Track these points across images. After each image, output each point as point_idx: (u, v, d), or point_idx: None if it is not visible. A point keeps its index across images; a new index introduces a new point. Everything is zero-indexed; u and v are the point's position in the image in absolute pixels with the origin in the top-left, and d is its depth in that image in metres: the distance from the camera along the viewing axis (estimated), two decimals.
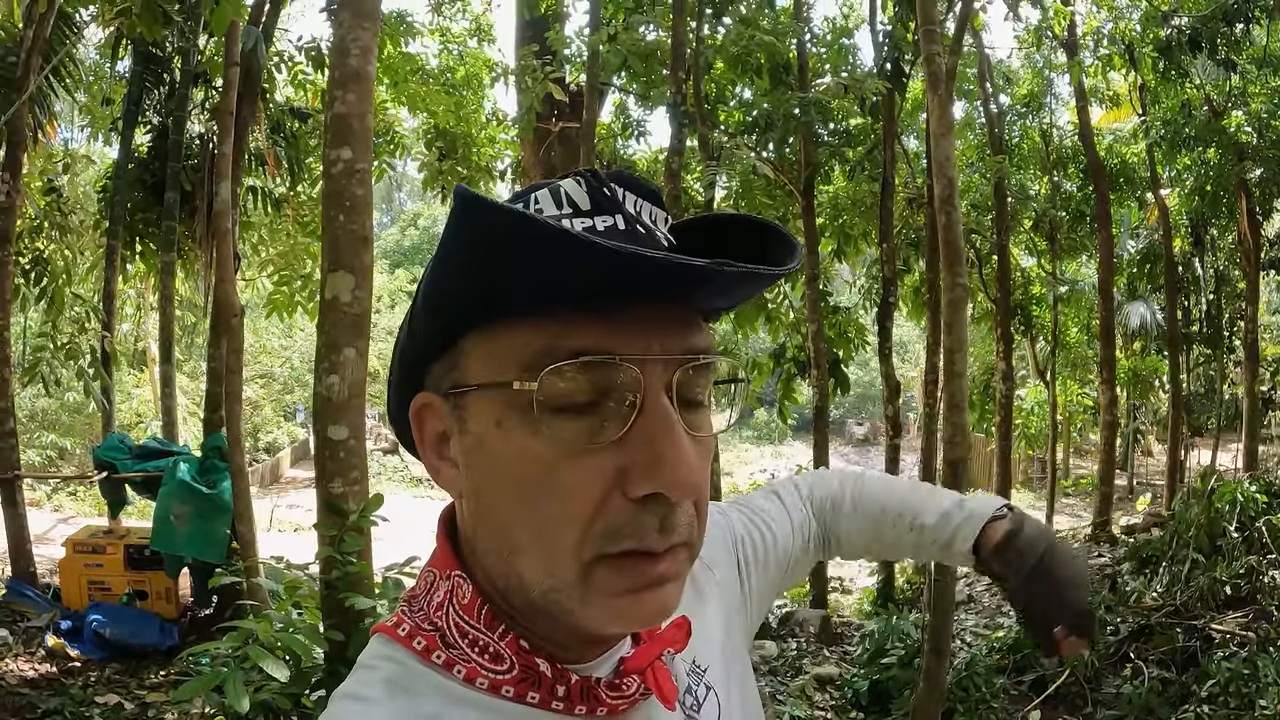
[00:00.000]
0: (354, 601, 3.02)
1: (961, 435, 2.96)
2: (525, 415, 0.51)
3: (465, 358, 0.54)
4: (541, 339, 0.50)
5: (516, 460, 0.51)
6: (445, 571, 0.58)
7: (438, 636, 0.56)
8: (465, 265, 0.50)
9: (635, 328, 0.51)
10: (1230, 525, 5.81)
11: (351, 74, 3.49)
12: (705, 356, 0.54)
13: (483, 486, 0.54)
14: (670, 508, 0.52)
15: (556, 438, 0.50)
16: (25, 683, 4.53)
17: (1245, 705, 4.24)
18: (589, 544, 0.51)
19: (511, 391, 0.51)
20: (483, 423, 0.53)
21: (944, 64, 3.23)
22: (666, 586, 0.53)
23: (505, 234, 0.47)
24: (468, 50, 9.70)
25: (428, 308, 0.55)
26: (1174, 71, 9.28)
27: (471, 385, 0.53)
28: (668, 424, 0.51)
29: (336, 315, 3.38)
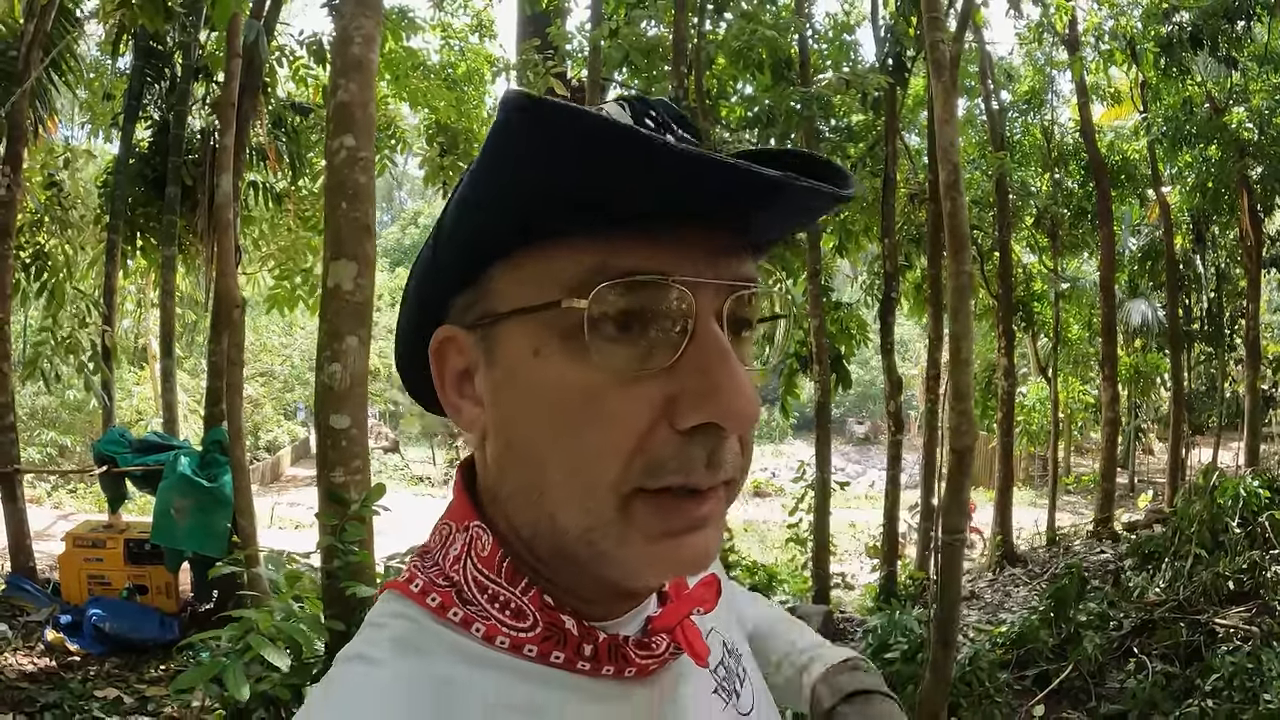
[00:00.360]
0: (355, 590, 3.01)
1: (968, 424, 2.95)
2: (567, 340, 0.47)
3: (495, 286, 0.51)
4: (592, 258, 0.46)
5: (555, 389, 0.48)
6: (462, 523, 0.54)
7: (454, 592, 0.52)
8: (508, 178, 0.46)
9: (686, 250, 0.48)
10: (1233, 521, 5.81)
11: (354, 62, 3.48)
12: (756, 285, 0.51)
13: (513, 421, 0.50)
14: (719, 441, 0.48)
15: (603, 364, 0.46)
16: (24, 677, 4.52)
17: (1249, 699, 4.23)
18: (629, 476, 0.47)
19: (553, 314, 0.47)
20: (516, 352, 0.50)
21: (947, 51, 3.21)
22: (708, 529, 0.50)
23: (563, 133, 0.42)
24: (469, 45, 9.69)
25: (456, 233, 0.51)
26: (1175, 68, 9.27)
27: (505, 311, 0.50)
28: (722, 351, 0.47)
29: (339, 303, 3.37)
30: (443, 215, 0.53)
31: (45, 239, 6.98)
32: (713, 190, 0.45)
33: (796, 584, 8.78)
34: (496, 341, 0.51)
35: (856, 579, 10.45)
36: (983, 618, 7.22)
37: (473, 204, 0.49)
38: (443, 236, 0.53)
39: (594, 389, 0.47)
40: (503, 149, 0.45)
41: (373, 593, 3.06)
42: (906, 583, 8.65)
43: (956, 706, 4.76)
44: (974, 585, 8.91)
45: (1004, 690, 5.06)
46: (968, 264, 3.08)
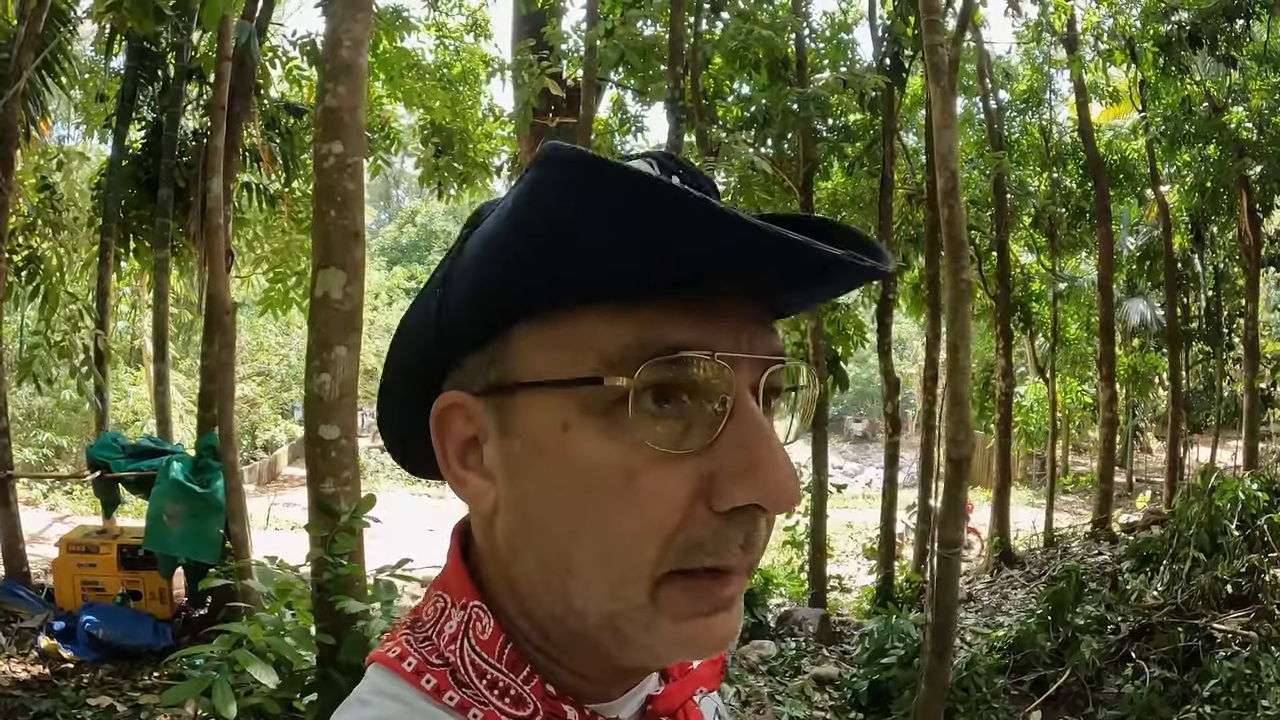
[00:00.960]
0: (345, 605, 2.98)
1: (965, 432, 2.92)
2: (602, 417, 0.45)
3: (515, 350, 0.47)
4: (627, 331, 0.44)
5: (589, 467, 0.45)
6: (460, 599, 0.52)
7: (449, 674, 0.49)
8: (547, 237, 0.43)
9: (723, 322, 0.46)
10: (1231, 523, 5.79)
11: (343, 66, 3.43)
12: (790, 360, 0.49)
13: (533, 498, 0.47)
14: (755, 522, 0.46)
15: (643, 442, 0.44)
16: (18, 684, 4.49)
17: (1247, 705, 4.22)
18: (665, 561, 0.45)
19: (590, 390, 0.44)
20: (542, 425, 0.46)
21: (946, 56, 3.17)
22: (733, 609, 0.48)
23: (625, 199, 0.40)
24: (464, 45, 9.64)
25: (483, 286, 0.47)
26: (1174, 67, 9.25)
27: (529, 381, 0.46)
28: (762, 429, 0.46)
29: (328, 312, 3.33)
30: (446, 273, 0.50)
31: (38, 242, 6.93)
32: (774, 265, 0.44)
33: (793, 587, 8.77)
34: (515, 412, 0.48)
35: (854, 580, 10.44)
36: (980, 621, 7.21)
37: (500, 257, 0.46)
38: (452, 295, 0.49)
39: (632, 468, 0.44)
40: (538, 207, 0.43)
41: (362, 607, 3.03)
42: (904, 585, 8.64)
43: (953, 712, 4.74)
44: (971, 587, 8.90)
45: (1001, 696, 5.05)
46: (965, 271, 3.05)
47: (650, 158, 0.48)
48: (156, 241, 6.76)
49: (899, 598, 8.14)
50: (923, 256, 9.41)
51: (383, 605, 3.18)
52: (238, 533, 4.86)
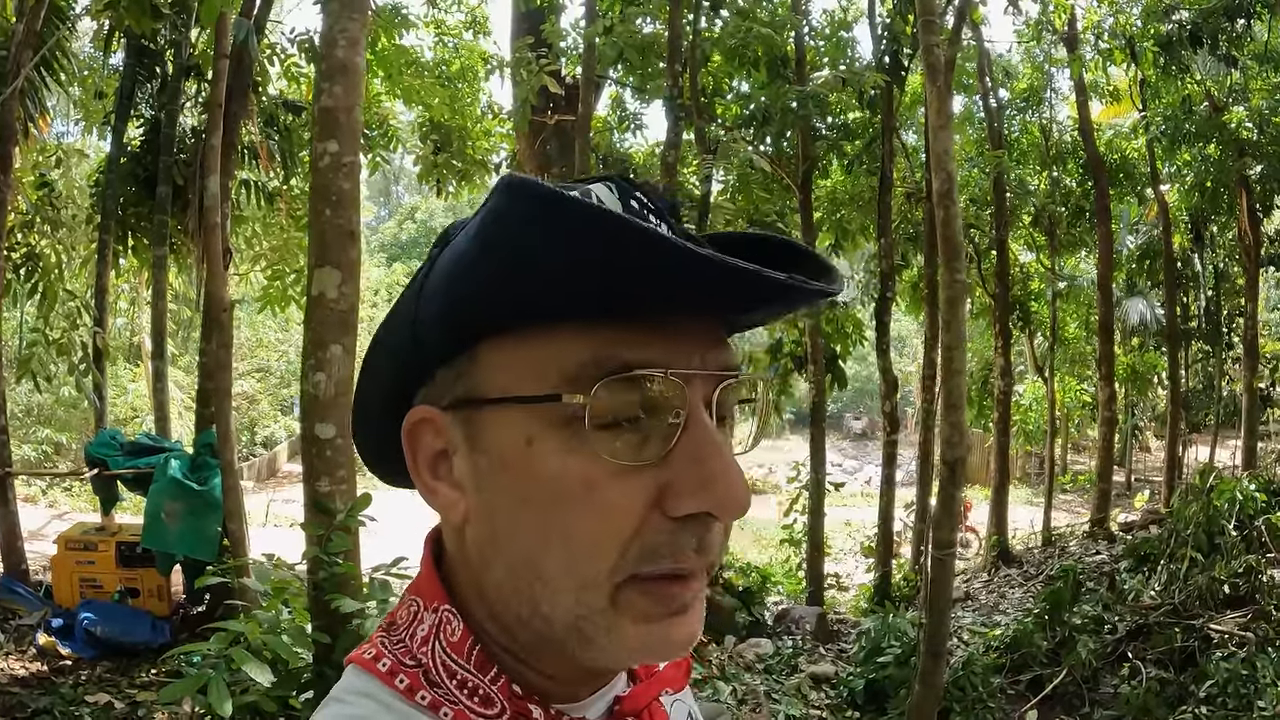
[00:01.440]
0: (340, 604, 2.98)
1: (960, 435, 2.92)
2: (563, 431, 0.47)
3: (482, 367, 0.50)
4: (589, 349, 0.47)
5: (552, 480, 0.47)
6: (431, 603, 0.54)
7: (421, 674, 0.52)
8: (519, 267, 0.46)
9: (679, 340, 0.48)
10: (1229, 524, 5.78)
11: (339, 66, 3.43)
12: (743, 374, 0.52)
13: (501, 509, 0.50)
14: (708, 527, 0.49)
15: (601, 455, 0.46)
16: (16, 681, 4.50)
17: (1244, 706, 4.22)
18: (623, 565, 0.47)
19: (550, 406, 0.47)
20: (507, 440, 0.49)
21: (943, 56, 3.17)
22: (693, 610, 0.50)
23: (582, 231, 0.43)
24: (463, 43, 9.63)
25: (451, 304, 0.49)
26: (1174, 66, 9.23)
27: (494, 398, 0.49)
28: (714, 442, 0.48)
29: (323, 312, 3.33)
30: (419, 290, 0.52)
31: (37, 239, 6.92)
32: (724, 291, 0.47)
33: (791, 585, 8.78)
34: (482, 427, 0.50)
35: (851, 579, 10.45)
36: (977, 620, 7.21)
37: (468, 276, 0.48)
38: (423, 311, 0.51)
39: (592, 480, 0.47)
40: (489, 236, 0.46)
41: (357, 606, 3.03)
42: (901, 584, 8.65)
43: (949, 711, 4.74)
44: (969, 586, 8.90)
45: (997, 695, 5.06)
46: (961, 273, 3.04)
47: (610, 181, 0.51)
48: (155, 239, 6.76)
49: (896, 596, 8.15)
50: (921, 255, 9.40)
51: (379, 604, 3.18)
52: (235, 531, 4.86)
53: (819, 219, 9.51)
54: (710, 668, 5.66)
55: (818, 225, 9.31)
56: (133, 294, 11.47)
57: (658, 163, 8.08)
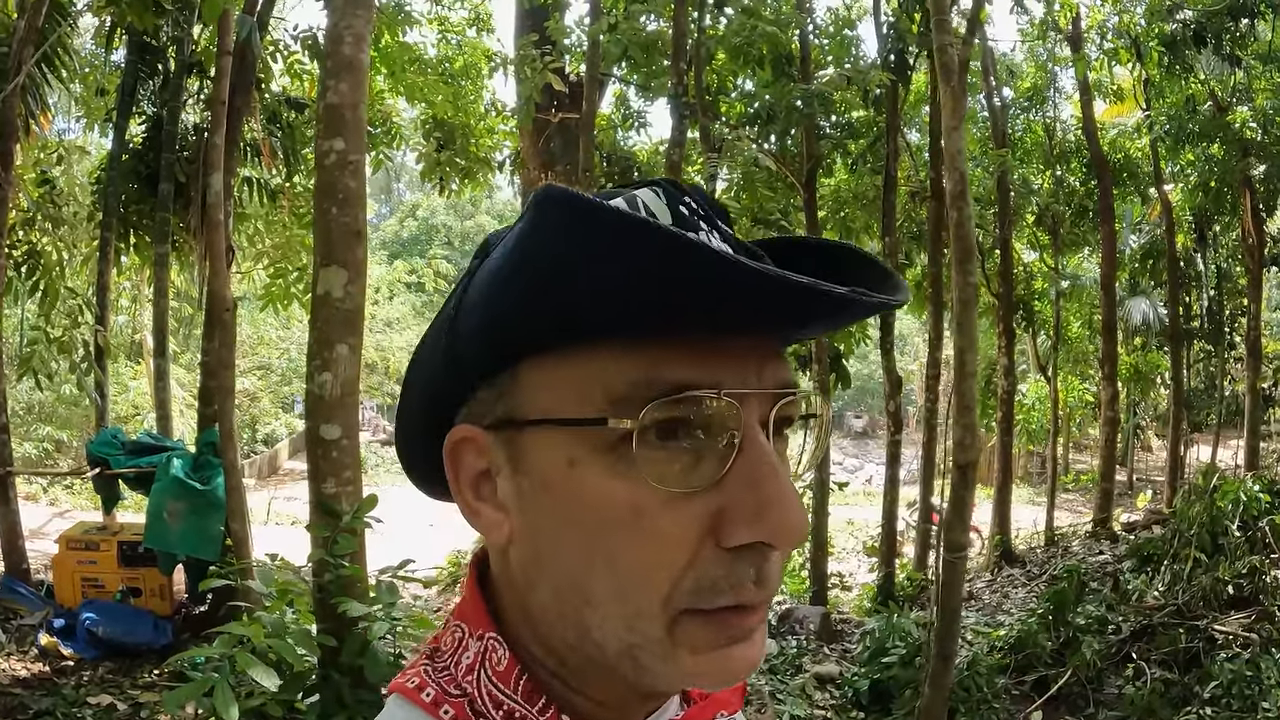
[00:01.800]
0: (347, 608, 2.96)
1: (972, 437, 2.90)
2: (608, 454, 0.45)
3: (523, 386, 0.48)
4: (633, 369, 0.44)
5: (597, 504, 0.45)
6: (477, 630, 0.52)
7: (466, 704, 0.50)
8: (564, 282, 0.43)
9: (732, 357, 0.46)
10: (1232, 524, 5.78)
11: (344, 63, 3.41)
12: (801, 391, 0.49)
13: (545, 533, 0.48)
14: (765, 557, 0.46)
15: (647, 480, 0.44)
16: (18, 682, 4.48)
17: (1248, 707, 4.21)
18: (678, 598, 0.45)
19: (598, 428, 0.44)
20: (549, 461, 0.47)
21: (956, 55, 3.14)
22: (754, 638, 0.47)
23: (626, 244, 0.41)
24: (466, 40, 9.59)
25: (491, 321, 0.47)
26: (1179, 66, 9.20)
27: (537, 418, 0.47)
28: (772, 464, 0.45)
29: (329, 311, 3.32)
30: (458, 304, 0.50)
31: (38, 237, 6.89)
32: (783, 307, 0.44)
33: (794, 584, 8.76)
34: (525, 448, 0.48)
35: (854, 578, 10.44)
36: (981, 620, 7.20)
37: (508, 293, 0.46)
38: (463, 327, 0.49)
39: (640, 505, 0.44)
40: (540, 247, 0.43)
41: (364, 610, 3.01)
42: (905, 583, 8.64)
43: (955, 712, 4.73)
44: (972, 586, 8.89)
45: (1002, 696, 5.05)
46: (974, 275, 3.02)
47: (658, 186, 0.48)
48: (157, 236, 6.73)
49: (900, 596, 8.14)
50: (925, 254, 9.38)
51: (385, 608, 3.16)
52: (238, 531, 4.85)
53: (823, 218, 9.49)
54: None
55: (822, 224, 9.28)
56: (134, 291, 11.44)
57: (662, 161, 8.05)
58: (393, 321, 22.33)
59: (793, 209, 9.19)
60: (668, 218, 0.47)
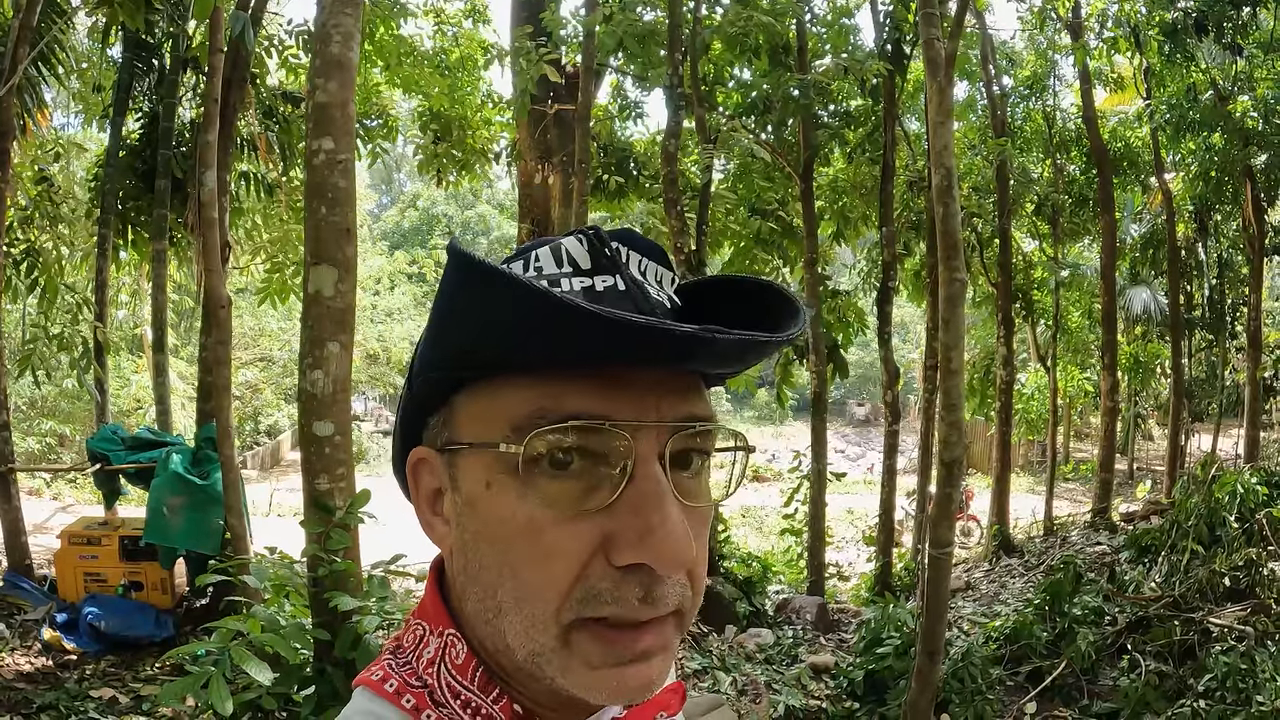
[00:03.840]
0: (339, 602, 2.99)
1: (958, 435, 2.91)
2: (514, 476, 0.50)
3: (456, 415, 0.54)
4: (532, 401, 0.50)
5: (502, 522, 0.51)
6: (436, 627, 0.57)
7: (426, 694, 0.55)
8: (458, 326, 0.50)
9: (630, 391, 0.50)
10: (1230, 516, 5.79)
11: (333, 61, 3.40)
12: (701, 424, 0.52)
13: (470, 546, 0.53)
14: (656, 579, 0.50)
15: (543, 501, 0.49)
16: (21, 677, 4.53)
17: (1242, 700, 4.22)
18: (568, 608, 0.50)
19: (505, 453, 0.50)
20: (473, 482, 0.53)
21: (943, 49, 3.13)
22: (652, 660, 0.51)
23: (496, 299, 0.47)
24: (462, 31, 9.55)
25: (423, 364, 0.55)
26: (1180, 55, 9.12)
27: (463, 443, 0.53)
28: (658, 494, 0.49)
29: (320, 309, 3.33)
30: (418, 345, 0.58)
31: (36, 235, 6.91)
32: (634, 345, 0.47)
33: (792, 574, 8.80)
34: (459, 468, 0.54)
35: (853, 567, 10.47)
36: (977, 610, 7.23)
37: (434, 338, 0.53)
38: (414, 366, 0.57)
39: (535, 525, 0.49)
40: (441, 304, 0.51)
41: (356, 603, 3.05)
42: (902, 573, 8.67)
43: (948, 703, 4.76)
44: (970, 576, 8.92)
45: (996, 687, 5.07)
46: (961, 270, 3.02)
47: (583, 234, 0.53)
48: (154, 232, 6.74)
49: (897, 586, 8.17)
50: (924, 243, 9.36)
51: (377, 601, 3.19)
52: (236, 525, 4.88)
53: (820, 207, 9.46)
54: (710, 658, 5.69)
55: (819, 214, 9.26)
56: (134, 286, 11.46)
57: (658, 151, 8.03)
58: (394, 312, 22.33)
59: (790, 199, 9.17)
60: (587, 262, 0.52)
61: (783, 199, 9.26)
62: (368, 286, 20.79)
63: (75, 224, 7.37)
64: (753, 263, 9.41)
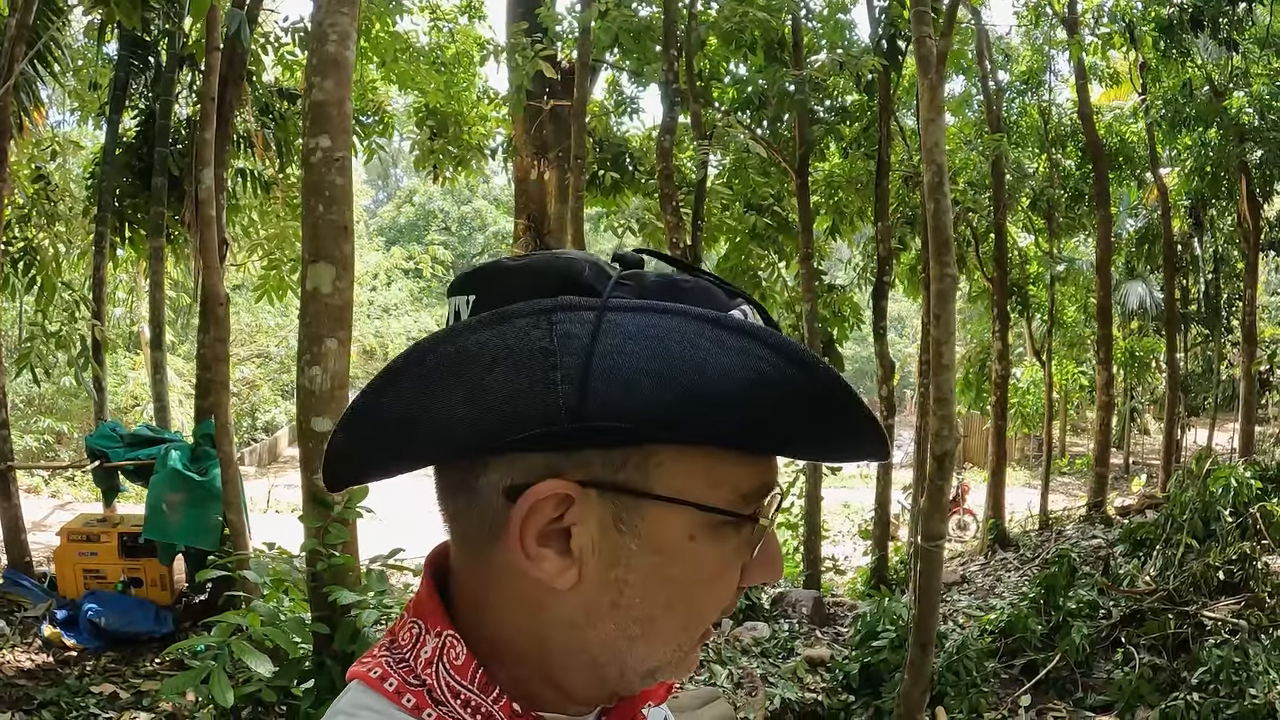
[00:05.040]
0: (337, 596, 3.02)
1: (949, 428, 2.94)
2: (718, 531, 0.56)
3: (653, 464, 0.53)
4: (760, 474, 0.57)
5: (698, 568, 0.56)
6: (434, 627, 0.58)
7: (426, 693, 0.56)
8: (749, 404, 0.51)
9: None
10: (1225, 510, 5.82)
11: (329, 60, 3.42)
12: None
13: (634, 584, 0.56)
14: None
15: (737, 550, 0.57)
16: (22, 674, 4.55)
17: (1235, 694, 4.26)
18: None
19: (726, 515, 0.55)
20: (668, 533, 0.55)
21: (935, 47, 3.15)
22: None
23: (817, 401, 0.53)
24: (458, 27, 9.55)
25: (647, 410, 0.49)
26: (1175, 50, 9.14)
27: (665, 496, 0.54)
28: (774, 534, 0.61)
29: (318, 306, 3.34)
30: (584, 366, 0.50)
31: (34, 233, 6.91)
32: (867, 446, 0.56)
33: (788, 568, 8.83)
34: (641, 515, 0.54)
35: (849, 561, 10.52)
36: (973, 603, 7.27)
37: (672, 401, 0.50)
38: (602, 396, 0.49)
39: (725, 568, 0.58)
40: (750, 382, 0.51)
41: (355, 598, 3.07)
42: (898, 566, 8.71)
43: (943, 695, 4.80)
44: (965, 569, 8.97)
45: (991, 680, 5.11)
46: (952, 266, 3.05)
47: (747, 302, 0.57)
48: (152, 230, 6.75)
49: (893, 579, 8.21)
50: (919, 239, 9.38)
51: (375, 595, 3.22)
52: (235, 521, 4.90)
53: (816, 202, 9.48)
54: (706, 651, 5.73)
55: (815, 209, 9.28)
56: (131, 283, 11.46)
57: (654, 147, 8.05)
58: (390, 308, 22.31)
59: (785, 194, 9.19)
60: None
61: (778, 194, 9.28)
62: (364, 282, 20.74)
63: (72, 222, 7.38)
64: (748, 258, 9.44)
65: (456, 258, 28.88)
